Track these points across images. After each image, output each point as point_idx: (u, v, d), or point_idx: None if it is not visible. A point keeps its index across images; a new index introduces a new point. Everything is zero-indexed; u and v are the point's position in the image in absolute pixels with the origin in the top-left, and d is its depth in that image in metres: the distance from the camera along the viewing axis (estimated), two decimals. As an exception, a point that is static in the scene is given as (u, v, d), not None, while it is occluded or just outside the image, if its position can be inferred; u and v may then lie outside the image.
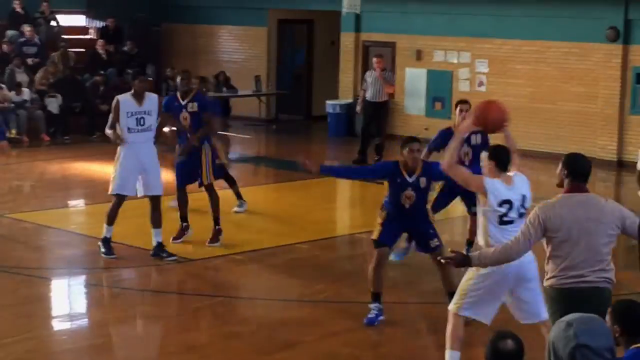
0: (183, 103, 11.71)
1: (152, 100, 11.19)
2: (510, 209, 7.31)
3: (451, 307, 7.53)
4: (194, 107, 11.67)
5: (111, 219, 11.19)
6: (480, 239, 7.51)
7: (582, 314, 4.59)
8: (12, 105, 20.25)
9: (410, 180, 9.05)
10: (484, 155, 7.60)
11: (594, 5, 18.96)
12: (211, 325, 9.26)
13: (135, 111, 11.05)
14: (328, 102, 22.48)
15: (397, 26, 21.69)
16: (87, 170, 17.42)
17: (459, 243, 11.35)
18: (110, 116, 11.22)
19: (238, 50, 25.01)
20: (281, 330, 9.09)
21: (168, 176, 12.26)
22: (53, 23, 23.83)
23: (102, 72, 22.40)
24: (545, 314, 7.03)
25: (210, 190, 11.85)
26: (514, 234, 6.75)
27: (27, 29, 22.48)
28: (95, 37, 24.60)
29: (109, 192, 11.28)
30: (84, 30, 25.34)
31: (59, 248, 12.25)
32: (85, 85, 22.03)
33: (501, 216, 7.30)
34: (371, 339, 8.86)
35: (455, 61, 21.00)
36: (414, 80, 21.60)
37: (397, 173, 9.06)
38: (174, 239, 11.87)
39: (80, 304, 10.17)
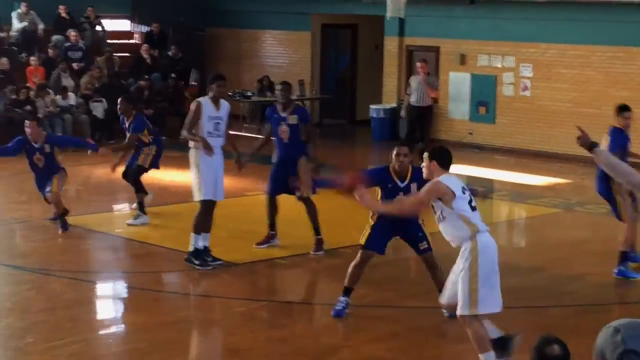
0: (283, 115, 11.63)
1: (225, 106, 11.10)
2: (471, 195, 7.58)
3: (464, 312, 7.50)
4: (294, 119, 11.58)
5: (199, 228, 10.93)
6: (463, 233, 7.49)
7: (630, 320, 4.54)
8: (58, 109, 20.43)
9: (401, 185, 9.13)
10: (425, 155, 7.66)
11: (640, 8, 18.79)
12: (255, 329, 9.24)
13: (213, 115, 10.95)
14: (372, 106, 22.45)
15: (441, 30, 21.61)
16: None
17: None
18: (188, 119, 11.01)
19: (282, 55, 25.05)
20: (325, 335, 9.08)
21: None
22: (98, 28, 24.03)
23: (146, 76, 22.54)
24: None
25: (308, 201, 11.71)
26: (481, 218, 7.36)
27: (72, 33, 22.68)
28: (139, 42, 24.77)
29: (197, 199, 11.02)
30: (128, 35, 25.52)
31: (103, 252, 12.33)
32: (130, 89, 22.16)
33: (469, 202, 7.50)
34: (415, 343, 8.81)
35: (500, 65, 20.88)
36: (457, 84, 21.50)
37: (388, 179, 9.11)
38: (258, 244, 11.85)
39: (124, 308, 10.22)
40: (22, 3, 22.74)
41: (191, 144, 10.96)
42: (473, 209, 7.56)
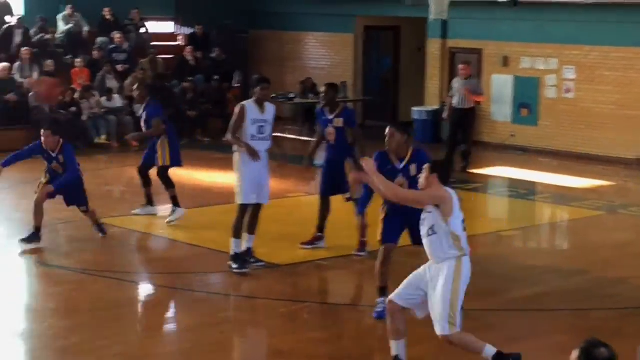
0: (330, 117, 11.70)
1: (270, 109, 11.06)
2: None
3: (446, 332, 7.47)
4: (339, 122, 11.62)
5: (237, 232, 10.95)
6: (450, 253, 7.46)
7: None
8: (103, 111, 20.63)
9: (399, 167, 9.20)
10: (426, 167, 7.62)
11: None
12: (298, 331, 9.29)
13: (258, 118, 10.91)
14: (414, 108, 22.44)
15: (484, 32, 21.56)
16: (175, 176, 17.57)
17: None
18: (232, 122, 11.00)
19: (325, 57, 25.11)
20: (368, 337, 9.11)
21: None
22: (142, 30, 24.22)
23: (190, 78, 22.70)
24: None
25: (324, 201, 11.81)
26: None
27: (117, 36, 22.88)
28: (183, 44, 24.92)
29: (237, 202, 11.03)
30: (172, 37, 25.69)
31: (147, 253, 12.45)
32: (174, 91, 22.32)
33: (463, 221, 7.49)
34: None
35: (543, 67, 20.79)
36: (500, 86, 21.43)
37: (386, 161, 9.16)
38: (304, 243, 11.93)
39: (168, 309, 10.29)
40: (68, 5, 22.98)
41: (235, 147, 11.02)
42: (464, 229, 7.54)
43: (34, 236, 12.12)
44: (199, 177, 17.47)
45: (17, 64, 21.06)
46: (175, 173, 17.69)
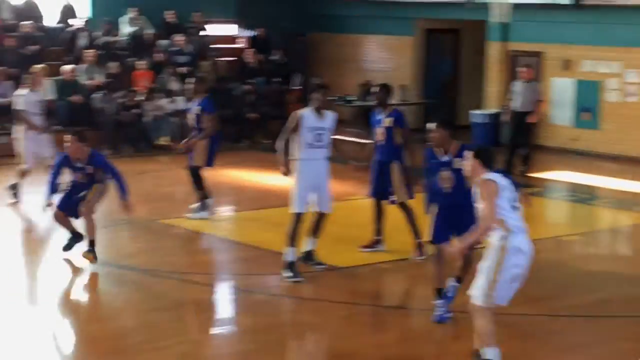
0: (380, 117, 11.68)
1: (330, 117, 10.95)
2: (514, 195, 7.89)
3: (477, 301, 7.85)
4: (389, 122, 11.57)
5: (292, 240, 10.89)
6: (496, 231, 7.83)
7: None
8: (165, 113, 20.85)
9: (442, 160, 9.31)
10: (468, 154, 8.04)
11: None
12: (359, 334, 9.35)
13: (316, 126, 10.82)
14: (473, 111, 22.38)
15: (545, 35, 21.45)
16: (236, 178, 17.80)
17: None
18: (286, 129, 10.96)
19: (384, 60, 25.12)
20: (429, 341, 9.14)
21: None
22: (204, 33, 24.43)
23: (250, 80, 22.85)
24: None
25: (403, 206, 11.75)
26: (521, 220, 7.77)
27: (179, 38, 23.11)
28: (244, 47, 25.08)
29: (291, 211, 11.00)
30: (233, 39, 25.86)
31: (210, 254, 12.58)
32: (234, 93, 22.49)
33: (510, 201, 7.82)
34: (524, 352, 8.78)
35: (605, 71, 20.63)
36: (561, 90, 21.30)
37: (432, 155, 9.39)
38: (363, 247, 11.99)
39: (232, 309, 10.38)
40: (132, 8, 23.26)
41: (294, 154, 10.95)
42: (513, 208, 7.82)
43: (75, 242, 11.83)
44: (258, 179, 17.60)
45: (81, 66, 21.36)
46: (236, 175, 17.93)
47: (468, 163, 7.91)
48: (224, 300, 10.75)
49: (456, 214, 9.30)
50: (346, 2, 24.67)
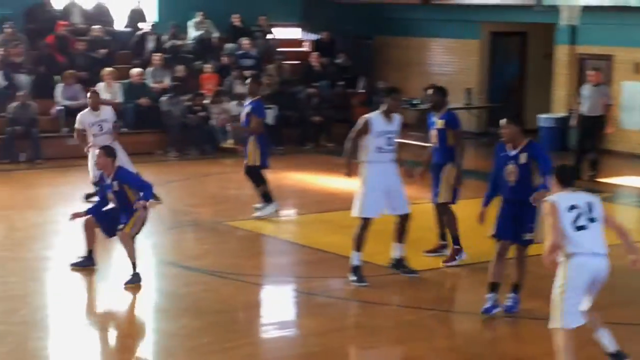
0: (433, 119, 11.67)
1: (397, 120, 10.91)
2: (579, 214, 7.73)
3: (550, 324, 7.82)
4: (441, 124, 11.50)
5: (359, 244, 10.80)
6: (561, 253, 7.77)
7: None
8: (231, 116, 20.95)
9: (511, 154, 9.57)
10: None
11: None
12: (424, 338, 9.30)
13: (385, 130, 10.75)
14: (540, 115, 22.16)
15: (614, 38, 21.18)
16: (300, 181, 17.84)
17: None
18: (353, 133, 10.90)
19: (449, 63, 25.01)
20: (497, 346, 9.07)
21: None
22: (270, 36, 24.54)
23: (315, 84, 22.90)
24: None
25: (443, 207, 11.70)
26: (590, 239, 7.62)
27: (244, 41, 23.24)
28: (309, 50, 25.15)
29: (353, 215, 10.92)
30: (298, 43, 25.96)
31: (273, 256, 12.61)
32: (299, 97, 22.55)
33: (572, 221, 7.69)
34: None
35: (676, 74, 20.35)
36: (631, 94, 21.02)
37: (502, 149, 9.71)
38: (428, 251, 11.98)
39: (295, 312, 10.41)
40: (198, 12, 23.45)
41: (362, 156, 10.89)
42: (577, 229, 7.68)
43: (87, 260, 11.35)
44: (322, 182, 17.61)
45: (149, 69, 21.58)
46: (300, 178, 17.96)
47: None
48: (287, 302, 10.77)
49: (518, 209, 9.57)
50: (412, 6, 24.59)
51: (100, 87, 20.19)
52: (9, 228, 13.75)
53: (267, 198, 14.12)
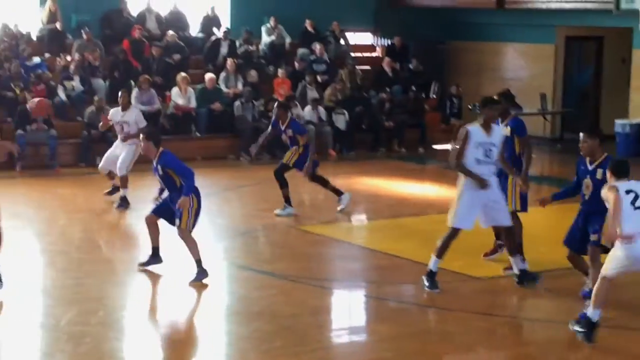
0: (499, 126, 11.45)
1: (497, 131, 10.68)
2: (636, 196, 8.54)
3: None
4: (507, 131, 11.18)
5: (441, 251, 10.70)
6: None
7: None
8: (303, 121, 21.03)
9: (589, 168, 9.90)
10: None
11: None
12: (497, 346, 9.25)
13: (483, 141, 10.53)
14: (617, 121, 21.86)
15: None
16: (372, 186, 17.83)
17: None
18: (456, 146, 10.75)
19: (523, 68, 24.83)
20: (572, 355, 8.98)
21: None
22: (342, 41, 24.60)
23: (387, 89, 22.88)
24: None
25: (513, 216, 11.33)
26: None
27: (317, 47, 23.33)
28: (381, 55, 25.15)
29: (448, 224, 10.73)
30: (371, 48, 25.98)
31: (345, 261, 12.61)
32: (371, 102, 22.55)
33: (631, 202, 8.51)
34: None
35: None
36: None
37: (582, 162, 10.03)
38: (485, 255, 11.95)
39: (366, 317, 10.40)
40: (271, 18, 23.60)
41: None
42: (635, 209, 8.47)
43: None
44: (395, 188, 17.60)
45: (222, 74, 21.77)
46: (372, 183, 17.96)
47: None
48: (359, 307, 10.78)
49: (589, 220, 9.96)
50: (486, 10, 24.46)
51: (175, 92, 20.48)
52: (85, 230, 13.97)
53: (288, 201, 14.81)
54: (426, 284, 10.77)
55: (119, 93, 15.65)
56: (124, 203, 15.06)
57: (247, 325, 9.56)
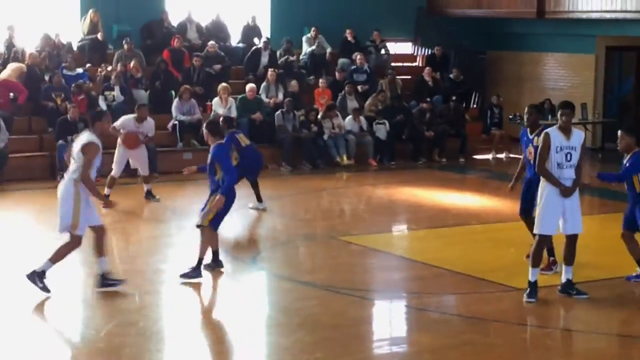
0: (530, 137, 11.68)
1: (578, 135, 10.76)
2: None
3: None
4: (538, 141, 11.28)
5: (535, 261, 10.82)
6: None
7: None
8: (343, 131, 21.05)
9: (624, 162, 11.21)
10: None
11: None
12: (540, 357, 9.19)
13: (563, 145, 10.65)
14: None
15: None
16: (413, 196, 17.79)
17: None
18: (539, 152, 10.83)
19: (564, 78, 24.69)
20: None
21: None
22: (382, 51, 24.59)
23: (428, 99, 22.84)
24: None
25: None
26: None
27: (358, 56, 23.33)
28: (422, 65, 25.13)
29: (535, 231, 10.91)
30: (411, 58, 25.96)
31: (386, 271, 12.58)
32: (412, 112, 22.52)
33: None
34: None
35: None
36: None
37: (623, 158, 11.20)
38: (542, 270, 11.73)
39: (407, 328, 10.37)
40: (312, 27, 23.64)
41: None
42: None
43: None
44: (435, 198, 17.56)
45: (263, 84, 21.84)
46: (413, 193, 17.91)
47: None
48: (400, 318, 10.75)
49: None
50: (526, 20, 24.35)
51: (215, 102, 20.57)
52: (125, 240, 14.06)
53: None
54: (525, 297, 10.77)
55: (136, 106, 16.89)
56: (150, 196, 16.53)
57: (288, 336, 9.57)
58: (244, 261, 12.95)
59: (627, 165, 11.16)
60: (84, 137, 10.87)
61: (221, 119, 15.00)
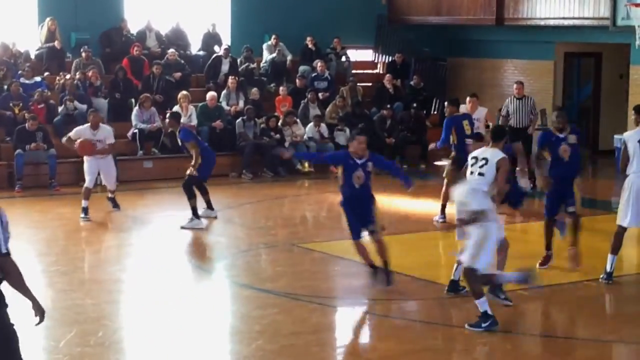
0: (561, 136, 12.20)
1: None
2: None
3: None
4: (574, 139, 12.20)
5: (614, 248, 11.60)
6: None
7: None
8: (304, 138, 21.04)
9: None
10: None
11: None
12: (499, 362, 9.24)
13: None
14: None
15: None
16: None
17: None
18: (621, 157, 11.73)
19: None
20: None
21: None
22: (343, 58, 24.62)
23: (388, 106, 22.87)
24: None
25: (577, 217, 12.33)
26: None
27: (318, 64, 23.34)
28: (382, 72, 25.18)
29: (617, 222, 11.64)
30: (372, 65, 26.01)
31: (348, 278, 12.57)
32: (373, 119, 22.55)
33: None
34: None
35: None
36: None
37: None
38: (541, 264, 12.29)
39: (370, 335, 10.38)
40: (272, 34, 23.62)
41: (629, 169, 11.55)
42: None
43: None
44: (396, 204, 17.56)
45: (223, 92, 21.78)
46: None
47: None
48: (362, 325, 10.74)
49: None
50: (485, 27, 24.47)
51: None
52: (85, 250, 13.94)
53: (195, 213, 15.00)
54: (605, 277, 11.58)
55: (89, 113, 16.64)
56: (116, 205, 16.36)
57: (249, 344, 9.53)
58: (204, 269, 12.90)
59: None
60: None
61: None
